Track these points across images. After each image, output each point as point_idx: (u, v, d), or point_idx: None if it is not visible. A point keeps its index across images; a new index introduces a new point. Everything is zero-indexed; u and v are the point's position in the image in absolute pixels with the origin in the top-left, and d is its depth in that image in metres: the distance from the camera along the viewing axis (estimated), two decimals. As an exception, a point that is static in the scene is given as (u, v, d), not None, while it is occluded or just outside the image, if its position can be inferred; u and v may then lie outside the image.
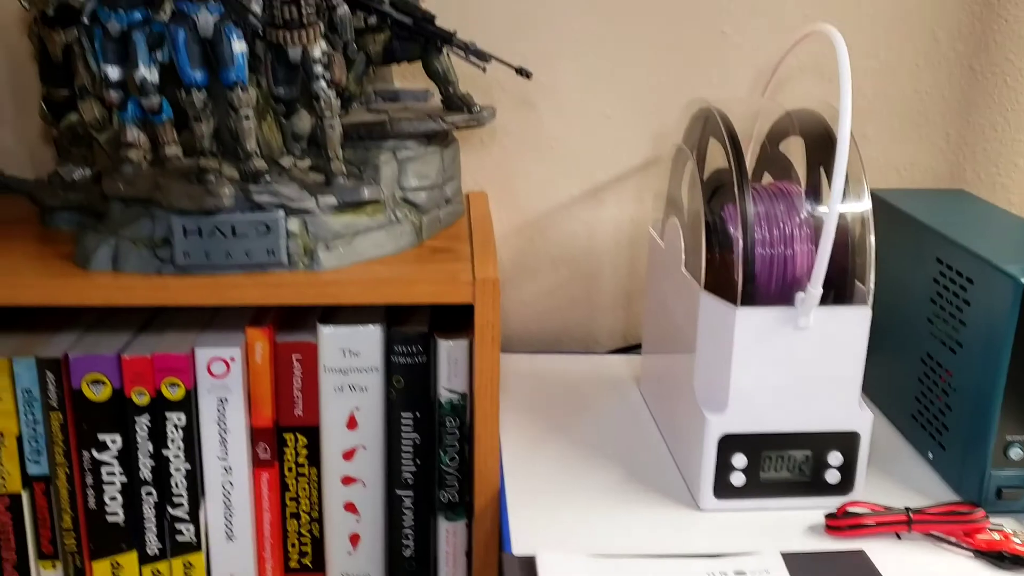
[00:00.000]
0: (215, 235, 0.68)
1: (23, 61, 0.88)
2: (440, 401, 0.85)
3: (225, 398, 0.79)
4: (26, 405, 0.77)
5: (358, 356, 0.81)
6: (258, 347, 0.79)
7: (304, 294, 0.70)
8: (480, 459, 0.74)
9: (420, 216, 0.79)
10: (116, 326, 0.81)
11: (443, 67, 0.80)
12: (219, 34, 0.66)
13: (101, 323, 0.81)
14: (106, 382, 0.77)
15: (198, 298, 0.69)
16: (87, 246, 0.71)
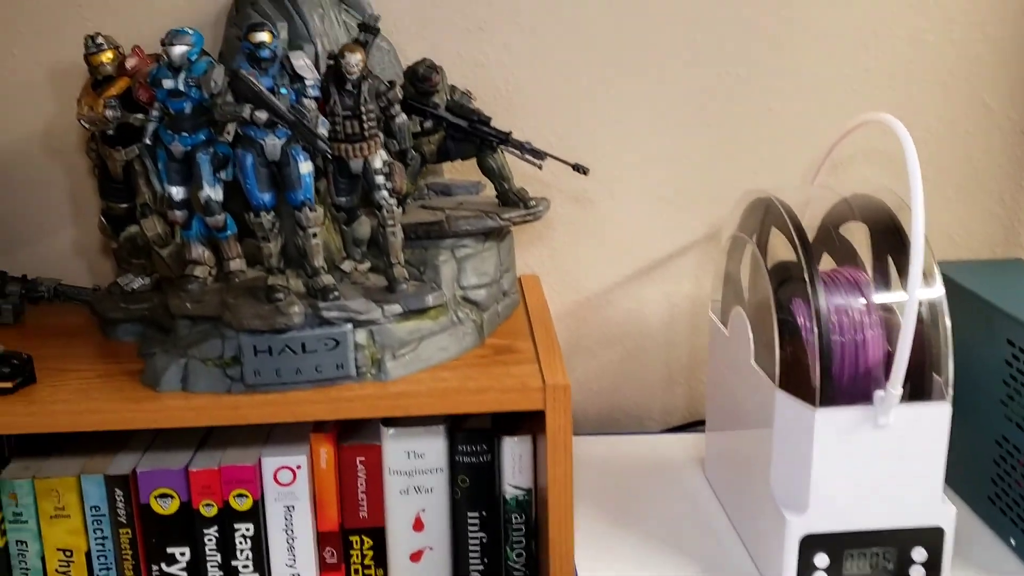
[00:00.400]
0: (285, 352, 0.68)
1: (81, 175, 0.89)
2: (505, 498, 0.84)
3: (292, 505, 0.78)
4: (95, 522, 0.77)
5: (423, 458, 0.80)
6: (323, 453, 0.79)
7: (374, 407, 0.69)
8: (556, 565, 0.73)
9: (480, 314, 0.78)
10: (180, 439, 0.80)
11: (498, 164, 0.80)
12: (286, 156, 0.66)
13: (164, 436, 0.81)
14: (174, 495, 0.77)
15: (268, 416, 0.69)
16: (156, 366, 0.70)
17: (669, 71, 0.93)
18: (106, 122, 0.74)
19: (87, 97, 0.74)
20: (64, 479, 0.75)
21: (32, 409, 0.68)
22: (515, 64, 0.91)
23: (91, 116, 0.74)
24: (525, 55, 0.91)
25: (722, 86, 0.94)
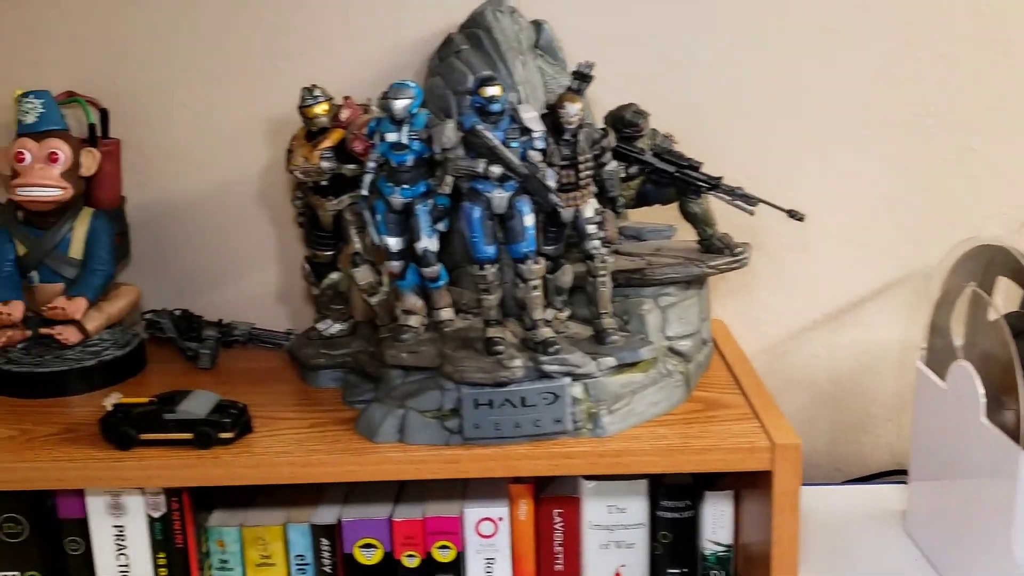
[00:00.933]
0: (505, 406, 0.67)
1: (282, 224, 0.90)
2: (704, 553, 0.81)
3: (492, 558, 0.77)
4: (299, 571, 0.76)
5: (624, 512, 0.78)
6: (522, 505, 0.77)
7: (594, 464, 0.67)
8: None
9: (687, 365, 0.76)
10: (378, 488, 0.80)
11: (702, 209, 0.78)
12: (511, 209, 0.65)
13: (362, 486, 0.80)
14: (378, 545, 0.76)
15: (487, 471, 0.67)
16: (373, 417, 0.70)
17: (865, 112, 0.90)
18: (320, 173, 0.74)
19: (302, 148, 0.75)
20: (270, 528, 0.75)
21: (256, 461, 0.68)
22: (708, 106, 0.89)
23: (305, 167, 0.74)
24: (718, 97, 0.89)
25: (921, 125, 0.90)
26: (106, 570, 0.73)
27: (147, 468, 0.68)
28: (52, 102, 0.81)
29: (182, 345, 0.86)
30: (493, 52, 0.77)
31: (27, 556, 0.72)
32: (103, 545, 0.72)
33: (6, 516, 0.71)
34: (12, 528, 0.71)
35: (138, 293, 0.85)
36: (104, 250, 0.82)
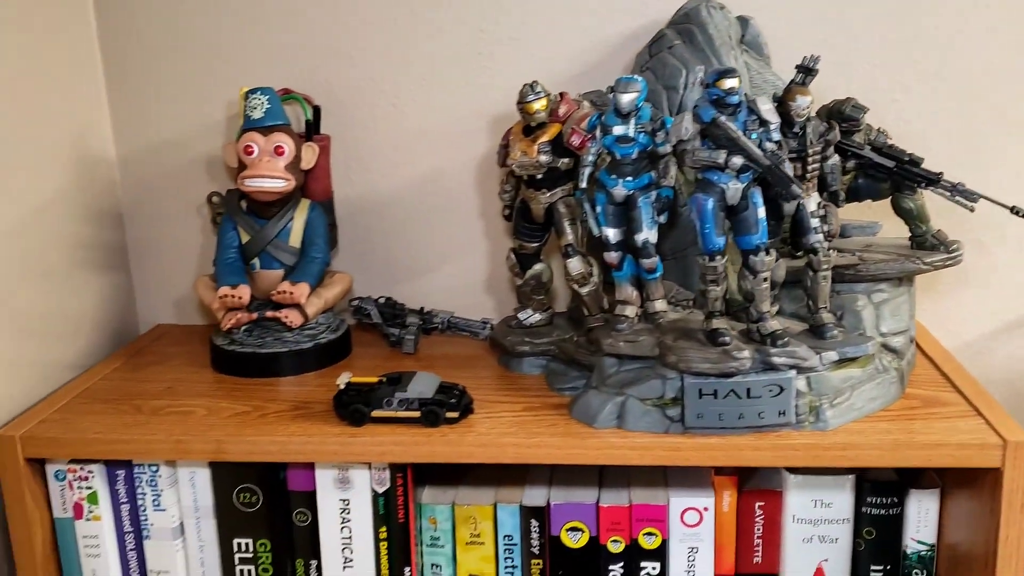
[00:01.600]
0: (729, 397, 0.67)
1: (487, 215, 0.93)
2: (907, 552, 0.80)
3: (695, 547, 0.78)
4: (506, 551, 0.79)
5: (829, 507, 0.77)
6: (726, 496, 0.78)
7: (819, 456, 0.67)
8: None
9: (900, 362, 0.75)
10: (579, 473, 0.81)
11: (916, 205, 0.77)
12: (744, 200, 0.66)
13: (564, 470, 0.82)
14: (584, 529, 0.77)
15: (709, 459, 0.68)
16: (591, 403, 0.71)
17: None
18: (538, 167, 0.76)
19: (520, 143, 0.77)
20: (482, 507, 0.78)
21: (482, 440, 0.70)
22: (908, 101, 0.87)
23: (523, 161, 0.77)
24: (921, 95, 0.88)
25: None
26: (330, 542, 0.76)
27: (379, 444, 0.71)
28: (276, 98, 0.85)
29: (386, 331, 0.90)
30: (707, 47, 0.77)
31: (259, 525, 0.76)
32: (329, 517, 0.76)
33: (243, 487, 0.75)
34: (247, 498, 0.75)
35: (351, 280, 0.89)
36: (321, 239, 0.86)
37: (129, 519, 0.77)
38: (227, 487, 0.75)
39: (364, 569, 0.76)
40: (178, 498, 0.76)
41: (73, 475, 0.75)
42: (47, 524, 0.77)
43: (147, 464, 0.75)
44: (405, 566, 0.76)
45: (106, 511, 0.76)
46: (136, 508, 0.76)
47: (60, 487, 0.76)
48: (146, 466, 0.75)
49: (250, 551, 0.76)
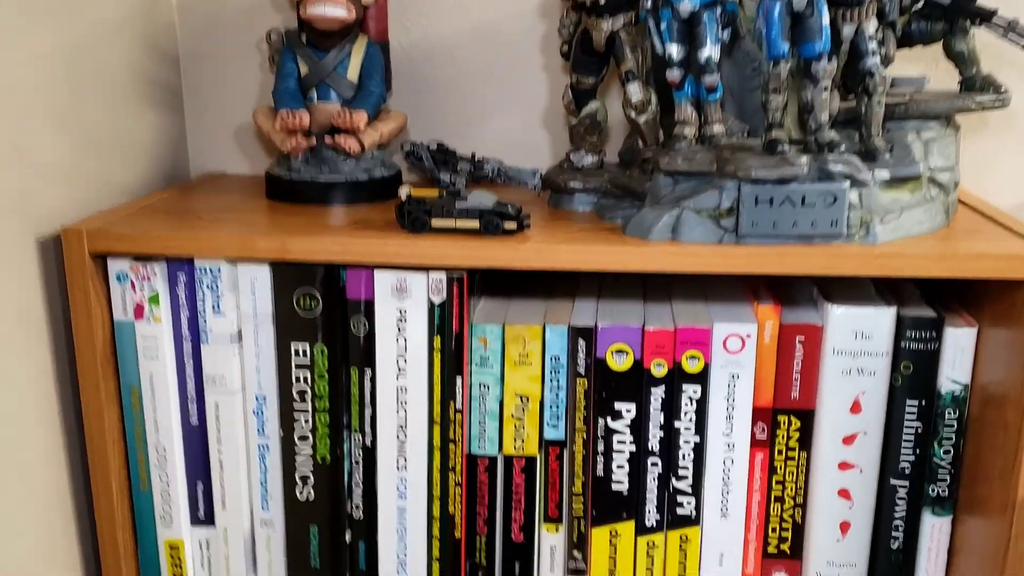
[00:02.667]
0: (785, 204, 0.69)
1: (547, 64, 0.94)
2: (940, 391, 0.82)
3: (737, 374, 0.80)
4: (552, 372, 0.81)
5: (870, 339, 0.79)
6: (768, 326, 0.80)
7: (867, 265, 0.69)
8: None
9: (945, 197, 0.77)
10: (626, 291, 0.84)
11: (968, 48, 0.78)
12: (810, 7, 0.67)
13: (610, 289, 0.84)
14: (628, 352, 0.79)
15: (760, 266, 0.70)
16: (646, 218, 0.73)
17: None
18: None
19: (584, -33, 0.78)
20: (531, 327, 0.79)
21: (539, 248, 0.72)
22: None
23: (586, -14, 0.78)
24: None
25: None
26: (385, 350, 0.78)
27: (439, 247, 0.72)
28: (339, -66, 0.86)
29: (437, 175, 0.91)
30: None
31: (317, 331, 0.77)
32: (386, 326, 0.77)
33: (303, 290, 0.76)
34: (307, 303, 0.77)
35: (406, 118, 0.90)
36: (378, 74, 0.87)
37: (188, 323, 0.78)
38: (287, 290, 0.77)
39: (417, 379, 0.78)
40: (237, 303, 0.78)
41: (136, 274, 0.77)
42: (107, 326, 0.78)
43: (208, 267, 0.77)
44: (457, 375, 0.78)
45: (166, 313, 0.78)
46: (195, 312, 0.78)
47: (122, 289, 0.78)
48: (207, 269, 0.77)
49: (307, 356, 0.78)
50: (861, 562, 0.84)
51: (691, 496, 0.82)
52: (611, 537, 0.83)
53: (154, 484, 0.82)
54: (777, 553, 0.86)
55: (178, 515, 0.82)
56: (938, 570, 0.85)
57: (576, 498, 0.82)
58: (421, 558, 0.82)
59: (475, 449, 0.82)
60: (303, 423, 0.79)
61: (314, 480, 0.80)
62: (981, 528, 0.79)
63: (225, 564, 0.83)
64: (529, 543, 0.84)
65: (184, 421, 0.81)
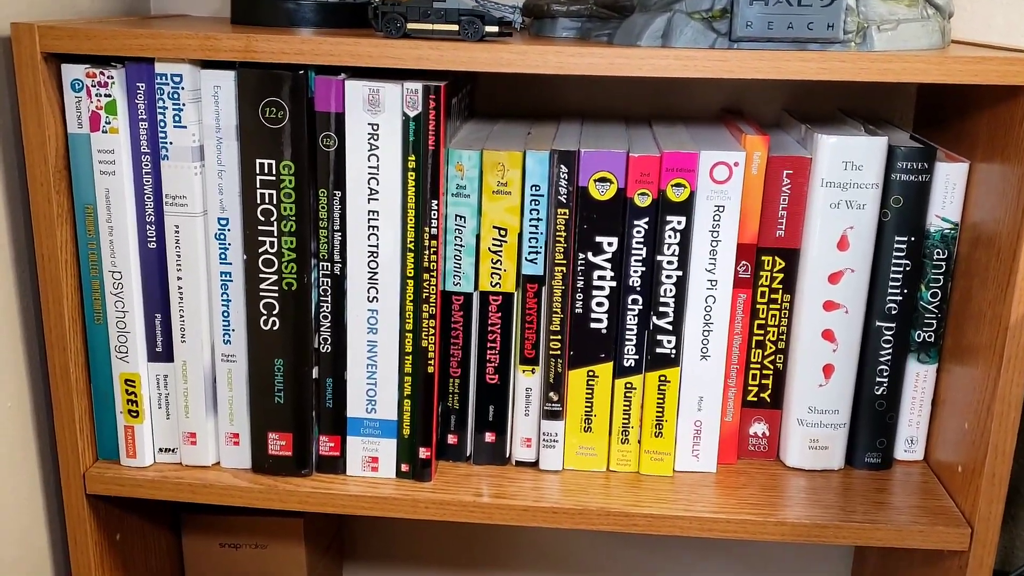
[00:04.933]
0: (780, 4, 0.65)
1: None
2: (929, 231, 0.79)
3: (722, 206, 0.76)
4: (532, 202, 0.76)
5: (860, 170, 0.76)
6: (756, 157, 0.76)
7: (863, 70, 0.65)
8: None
9: (941, 20, 0.73)
10: (601, 130, 0.80)
11: None
12: None
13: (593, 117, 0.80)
14: (612, 180, 0.75)
15: (757, 71, 0.66)
16: (635, 24, 0.69)
17: None
18: None
19: None
20: (511, 153, 0.75)
21: (524, 48, 0.67)
22: None
23: None
24: None
25: None
26: (356, 169, 0.73)
27: (416, 47, 0.68)
28: None
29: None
30: None
31: (283, 146, 0.72)
32: (356, 142, 0.72)
33: (269, 99, 0.71)
34: (273, 113, 0.71)
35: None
36: None
37: (147, 137, 0.73)
38: (253, 100, 0.71)
39: (389, 202, 0.74)
40: (199, 117, 0.73)
41: (92, 80, 0.71)
42: (61, 138, 0.73)
43: (170, 73, 0.71)
44: (433, 199, 0.74)
45: (123, 124, 0.72)
46: (155, 124, 0.73)
47: (77, 99, 0.72)
48: (168, 76, 0.71)
49: (272, 174, 0.73)
50: (844, 409, 0.81)
51: (672, 335, 0.78)
52: (588, 379, 0.80)
53: (109, 315, 0.77)
54: (757, 402, 0.83)
55: (134, 348, 0.77)
56: (921, 420, 0.83)
57: (553, 338, 0.79)
58: (392, 396, 0.78)
59: (449, 286, 0.78)
60: (268, 246, 0.74)
61: (279, 309, 0.76)
62: (966, 376, 0.76)
63: (184, 401, 0.79)
64: (504, 385, 0.80)
65: (142, 245, 0.76)
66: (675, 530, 0.76)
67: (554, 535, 1.10)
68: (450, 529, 1.11)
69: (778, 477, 0.82)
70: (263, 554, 0.98)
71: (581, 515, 0.76)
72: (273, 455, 0.79)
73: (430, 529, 1.11)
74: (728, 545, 1.09)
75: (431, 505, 0.77)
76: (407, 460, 0.79)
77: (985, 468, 0.72)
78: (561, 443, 0.81)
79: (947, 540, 0.74)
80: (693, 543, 1.09)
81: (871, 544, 0.74)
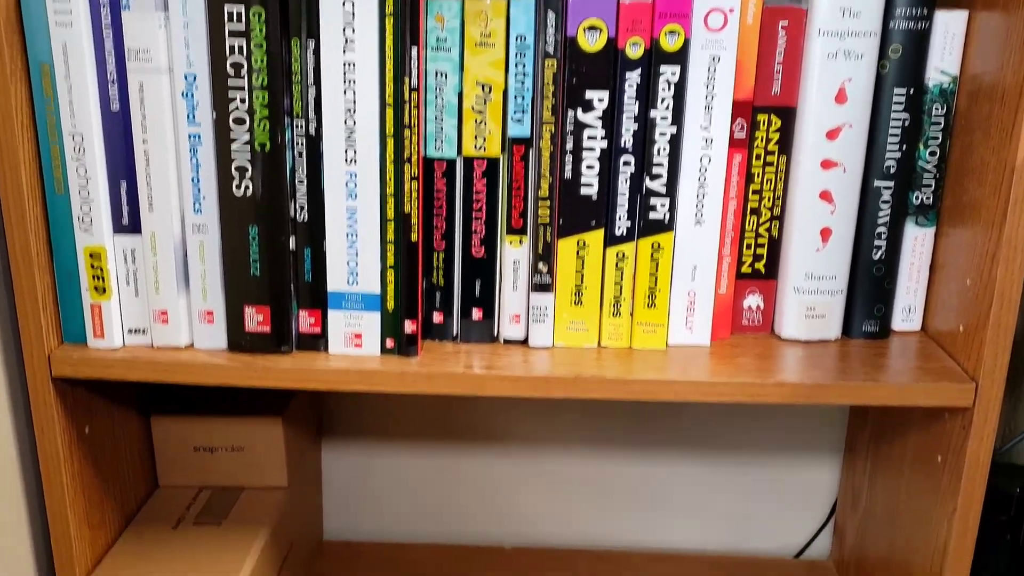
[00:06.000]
0: None
1: None
2: (928, 85, 0.76)
3: (718, 56, 0.72)
4: (518, 55, 0.72)
5: (857, 17, 0.72)
6: (751, 4, 0.72)
7: None
8: None
9: None
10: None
11: None
12: None
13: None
14: (602, 29, 0.71)
15: None
16: None
17: None
18: None
19: None
20: (495, 2, 0.71)
21: None
22: None
23: None
24: None
25: None
26: (331, 16, 0.68)
27: None
28: None
29: None
30: None
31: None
32: (331, -13, 0.68)
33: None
34: (242, -43, 0.67)
35: None
36: None
37: (106, -15, 0.68)
38: (219, -61, 0.67)
39: (367, 53, 0.69)
40: (162, -40, 0.68)
41: (43, -81, 0.66)
42: (11, -12, 0.68)
43: (128, -87, 0.66)
44: (413, 45, 0.69)
45: (80, -31, 0.68)
46: (114, -30, 0.68)
47: (27, -57, 0.67)
48: (127, -85, 0.67)
49: (242, 22, 0.68)
50: (841, 275, 0.78)
51: (665, 197, 0.75)
52: (578, 248, 0.76)
53: (71, 184, 0.72)
54: (751, 273, 0.80)
55: (99, 219, 0.72)
56: (919, 287, 0.81)
57: (542, 204, 0.75)
58: (374, 267, 0.74)
59: (432, 151, 0.74)
60: (239, 102, 0.70)
61: (252, 171, 0.71)
62: (967, 236, 0.74)
63: (153, 276, 0.74)
64: (491, 258, 0.77)
65: (104, 106, 0.71)
66: (671, 395, 0.73)
67: (537, 417, 1.07)
68: (434, 409, 1.06)
69: (774, 348, 0.79)
70: (240, 457, 0.94)
71: (575, 383, 0.73)
72: (250, 332, 0.75)
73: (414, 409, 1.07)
74: (721, 419, 1.06)
75: (419, 378, 0.73)
76: (392, 334, 0.75)
77: (990, 319, 0.70)
78: (551, 318, 0.77)
79: (951, 396, 0.72)
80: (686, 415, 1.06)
81: (872, 403, 0.72)
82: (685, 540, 1.10)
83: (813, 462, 1.06)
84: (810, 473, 1.06)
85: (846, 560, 1.01)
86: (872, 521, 0.93)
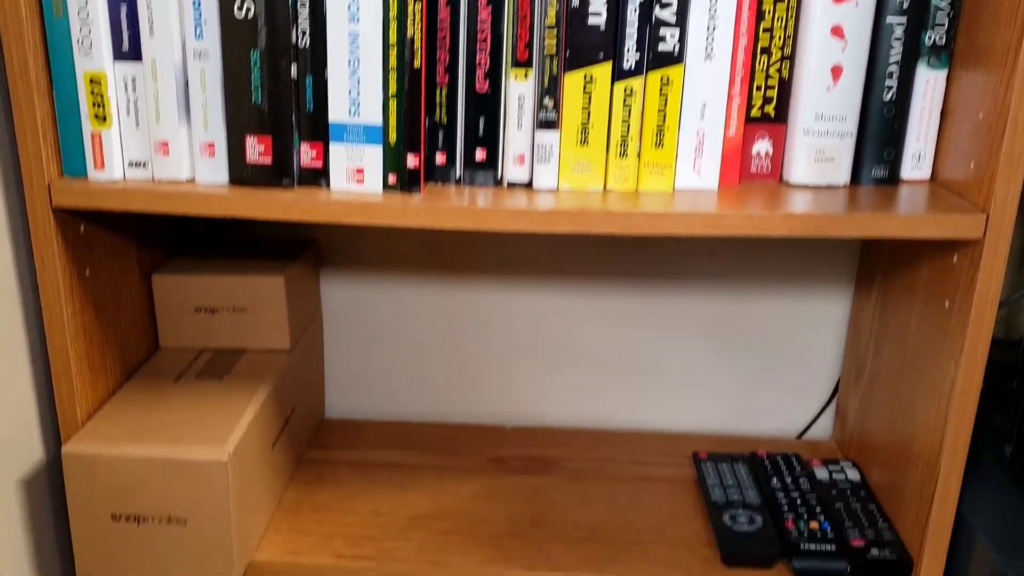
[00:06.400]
0: None
1: None
2: None
3: None
4: None
5: None
6: None
7: None
8: None
9: None
10: None
11: None
12: None
13: None
14: None
15: None
16: None
17: None
18: None
19: None
20: None
21: None
22: None
23: None
24: None
25: None
26: None
27: None
28: None
29: None
30: None
31: None
32: None
33: None
34: None
35: None
36: None
37: None
38: None
39: None
40: None
41: None
42: None
43: None
44: None
45: None
46: None
47: None
48: None
49: None
50: (851, 115, 0.77)
51: (675, 28, 0.73)
52: (585, 83, 0.75)
53: (70, 7, 0.71)
54: (761, 117, 0.79)
55: (99, 42, 0.71)
56: (930, 132, 0.79)
57: (549, 34, 0.73)
58: (376, 98, 0.73)
59: (436, -20, 0.73)
60: (241, -83, 0.68)
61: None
62: (978, 82, 0.72)
63: (154, 106, 0.73)
64: (495, 93, 0.75)
65: (102, -79, 0.69)
66: (679, 228, 0.72)
67: (541, 286, 1.07)
68: (431, 244, 1.05)
69: (783, 192, 0.78)
70: (242, 318, 0.93)
71: (580, 216, 0.72)
72: (252, 164, 0.74)
73: (411, 247, 1.06)
74: (728, 253, 1.05)
75: (421, 211, 0.72)
76: (394, 168, 0.74)
77: (1003, 147, 0.68)
78: (556, 157, 0.76)
79: (961, 227, 0.71)
80: (692, 252, 1.04)
81: (882, 235, 0.71)
82: (686, 420, 1.10)
83: (817, 333, 1.05)
84: (813, 349, 1.06)
85: (847, 439, 1.01)
86: (875, 391, 0.92)
